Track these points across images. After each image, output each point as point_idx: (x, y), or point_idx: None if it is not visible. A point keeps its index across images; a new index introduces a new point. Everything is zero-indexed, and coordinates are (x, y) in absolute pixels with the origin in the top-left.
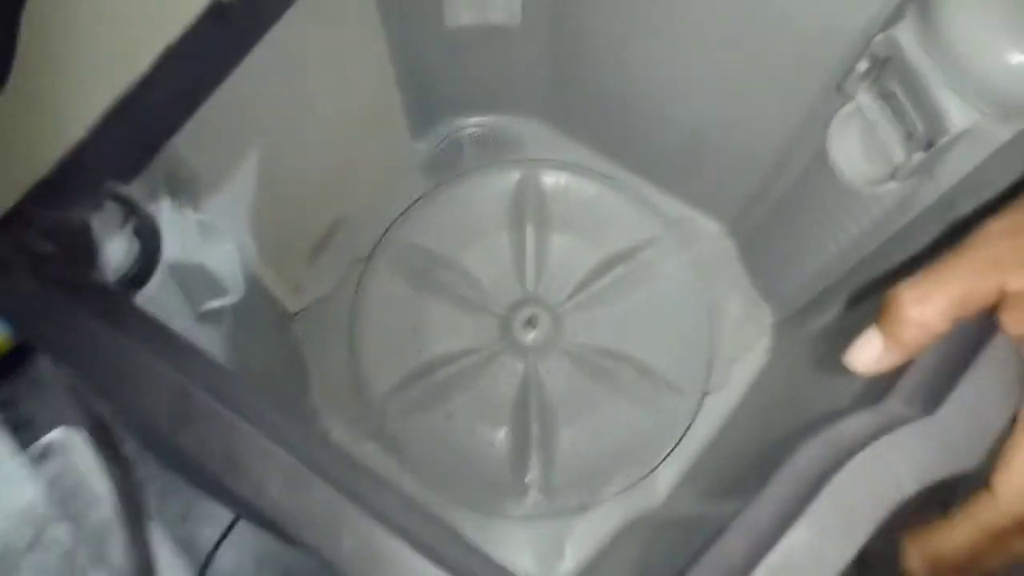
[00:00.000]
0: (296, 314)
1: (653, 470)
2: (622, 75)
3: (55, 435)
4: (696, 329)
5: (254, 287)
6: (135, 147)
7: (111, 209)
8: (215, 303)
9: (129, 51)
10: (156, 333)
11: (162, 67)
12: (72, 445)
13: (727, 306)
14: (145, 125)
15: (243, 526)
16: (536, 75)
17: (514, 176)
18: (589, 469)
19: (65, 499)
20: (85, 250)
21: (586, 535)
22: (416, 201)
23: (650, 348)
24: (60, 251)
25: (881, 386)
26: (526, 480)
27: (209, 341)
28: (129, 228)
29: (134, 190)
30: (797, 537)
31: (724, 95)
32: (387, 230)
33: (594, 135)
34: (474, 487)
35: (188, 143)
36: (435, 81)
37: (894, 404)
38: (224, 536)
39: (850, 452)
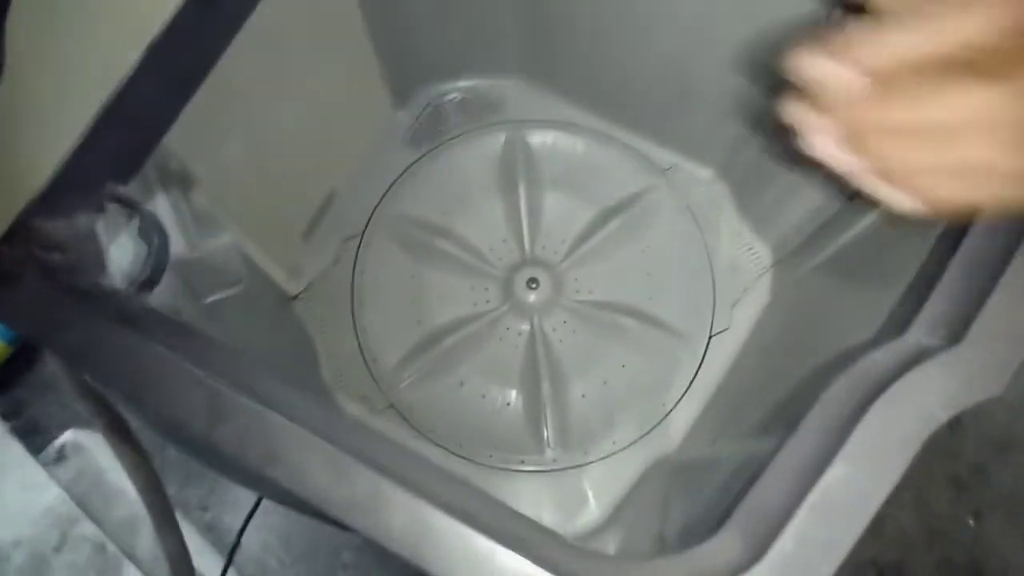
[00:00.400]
0: (295, 297)
1: (666, 416)
2: (601, 25)
3: (68, 436)
4: (695, 275)
5: (252, 274)
6: (131, 145)
7: (113, 212)
8: (220, 295)
9: (116, 46)
10: (178, 333)
11: (151, 60)
12: (86, 444)
13: (724, 249)
14: (139, 121)
15: (265, 508)
16: (514, 33)
17: (500, 138)
18: (603, 420)
19: (87, 497)
20: (93, 257)
21: (607, 484)
22: (404, 172)
23: (651, 297)
24: (68, 260)
25: (903, 317)
26: (543, 437)
27: (215, 334)
28: (133, 229)
29: (131, 189)
30: (835, 475)
31: (708, 35)
32: (378, 204)
33: (577, 90)
34: (491, 448)
35: (175, 134)
36: (413, 48)
37: (918, 335)
38: (248, 520)
39: (879, 388)
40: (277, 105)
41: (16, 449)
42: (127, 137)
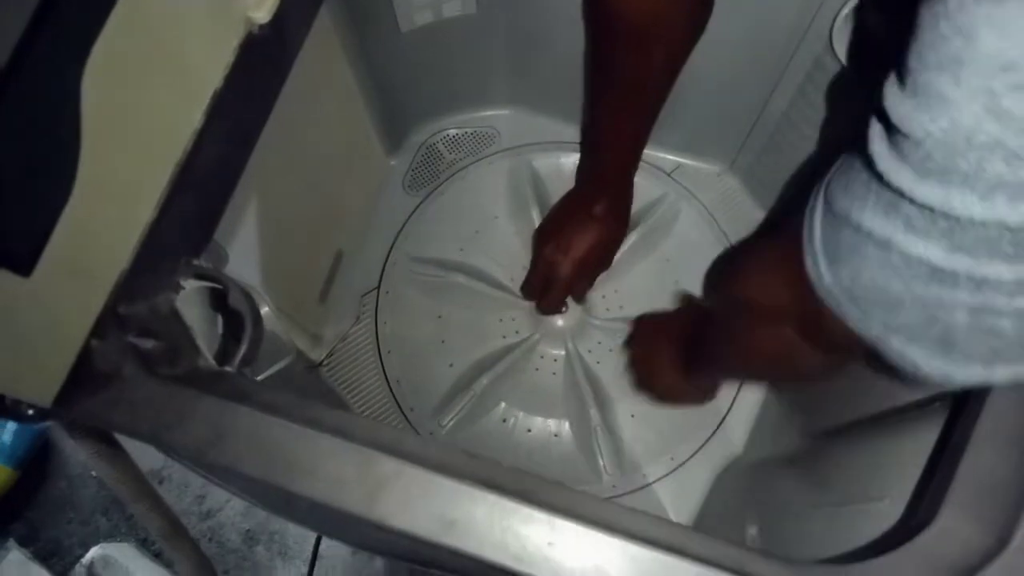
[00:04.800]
0: (322, 363)
1: (722, 421)
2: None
3: (95, 552)
4: None
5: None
6: (201, 214)
7: (190, 288)
8: (275, 368)
9: (181, 108)
10: (314, 408)
11: (213, 118)
12: (116, 557)
13: (744, 237)
14: (206, 187)
15: None
16: (499, 61)
17: (503, 166)
18: (657, 437)
19: None
20: (183, 338)
21: (681, 496)
22: (410, 216)
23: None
24: (163, 346)
25: None
26: (598, 464)
27: None
28: (210, 304)
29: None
30: None
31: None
32: (389, 252)
33: (572, 109)
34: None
35: None
36: (401, 93)
37: None
38: None
39: None
40: (280, 171)
41: (41, 575)
42: (196, 205)
